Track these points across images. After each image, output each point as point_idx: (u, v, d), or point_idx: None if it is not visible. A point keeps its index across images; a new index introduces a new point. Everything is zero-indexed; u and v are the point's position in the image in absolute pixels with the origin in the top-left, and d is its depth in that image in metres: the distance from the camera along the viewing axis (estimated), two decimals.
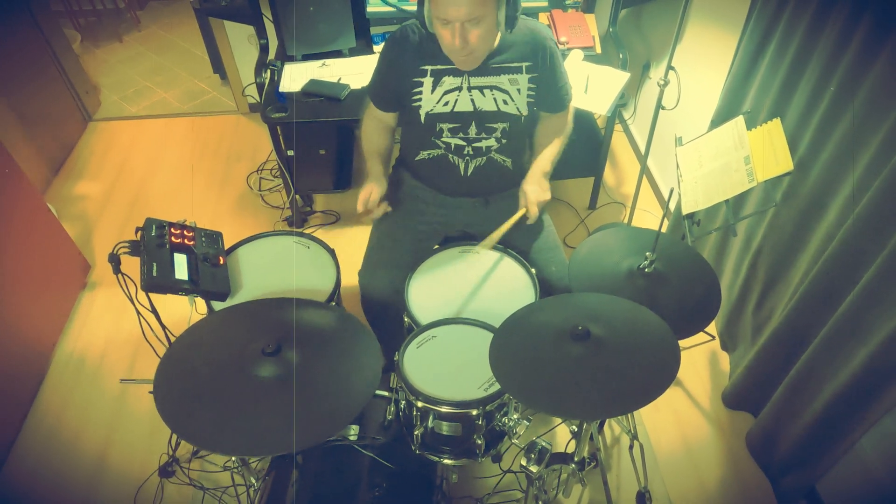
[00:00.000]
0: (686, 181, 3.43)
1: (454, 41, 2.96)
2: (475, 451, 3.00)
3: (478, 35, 2.96)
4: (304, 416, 2.40)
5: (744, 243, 4.02)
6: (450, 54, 3.12)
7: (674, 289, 3.11)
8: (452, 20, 2.89)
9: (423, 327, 3.10)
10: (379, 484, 3.04)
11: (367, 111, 3.58)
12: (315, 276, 3.36)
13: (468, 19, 2.89)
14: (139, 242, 3.02)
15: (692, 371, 4.37)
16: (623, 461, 3.88)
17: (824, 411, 3.24)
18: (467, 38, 2.96)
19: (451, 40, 2.97)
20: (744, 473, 3.86)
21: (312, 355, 2.61)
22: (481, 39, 2.99)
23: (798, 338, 3.43)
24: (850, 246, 2.97)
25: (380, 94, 3.47)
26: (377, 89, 3.47)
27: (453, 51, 3.06)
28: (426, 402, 2.83)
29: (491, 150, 3.43)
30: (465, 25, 2.91)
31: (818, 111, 3.21)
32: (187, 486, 3.75)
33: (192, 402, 2.42)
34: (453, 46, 3.00)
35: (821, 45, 3.16)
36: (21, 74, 5.66)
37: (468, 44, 2.98)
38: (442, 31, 2.99)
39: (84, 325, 4.72)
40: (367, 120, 3.59)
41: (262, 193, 5.77)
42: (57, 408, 4.23)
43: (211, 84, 7.36)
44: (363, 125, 3.60)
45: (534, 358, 2.58)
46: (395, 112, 3.51)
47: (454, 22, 2.90)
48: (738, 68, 3.78)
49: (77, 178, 6.03)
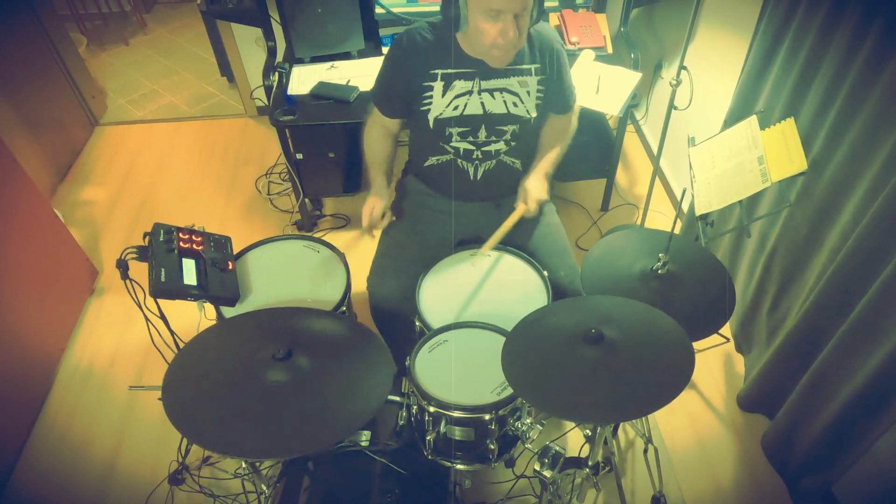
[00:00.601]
0: (699, 182, 3.41)
1: (507, 33, 2.92)
2: (488, 456, 2.97)
3: (523, 26, 2.95)
4: (315, 421, 2.39)
5: (758, 244, 4.00)
6: (490, 50, 3.05)
7: (687, 290, 3.08)
8: (506, 11, 2.85)
9: (434, 331, 3.07)
10: (391, 490, 3.02)
11: (371, 117, 3.54)
12: (325, 281, 3.34)
13: (522, 10, 2.87)
14: (147, 248, 3.01)
15: (707, 373, 4.34)
16: (638, 465, 3.87)
17: (841, 413, 3.22)
18: (520, 28, 2.93)
19: (501, 33, 2.93)
20: (760, 476, 3.84)
21: (323, 360, 2.60)
22: (524, 31, 2.98)
23: (814, 339, 3.41)
24: (866, 246, 2.95)
25: (386, 100, 3.43)
26: (383, 95, 3.43)
27: (497, 45, 3.00)
28: (438, 406, 2.81)
29: (500, 154, 3.41)
30: (516, 17, 2.88)
31: (832, 110, 3.18)
32: (197, 493, 3.73)
33: (202, 408, 2.41)
34: (503, 39, 2.96)
35: (834, 44, 3.14)
36: (27, 78, 5.66)
37: (521, 35, 2.96)
38: (487, 25, 2.93)
39: (92, 332, 4.71)
40: (370, 127, 3.56)
41: (271, 197, 5.77)
42: (65, 415, 4.22)
43: (218, 87, 7.36)
44: (366, 132, 3.57)
45: (547, 361, 2.56)
46: (400, 118, 3.48)
47: (507, 13, 2.86)
48: (750, 67, 3.76)
49: (84, 183, 6.02)
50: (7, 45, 5.42)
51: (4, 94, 5.31)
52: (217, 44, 6.64)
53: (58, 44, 6.11)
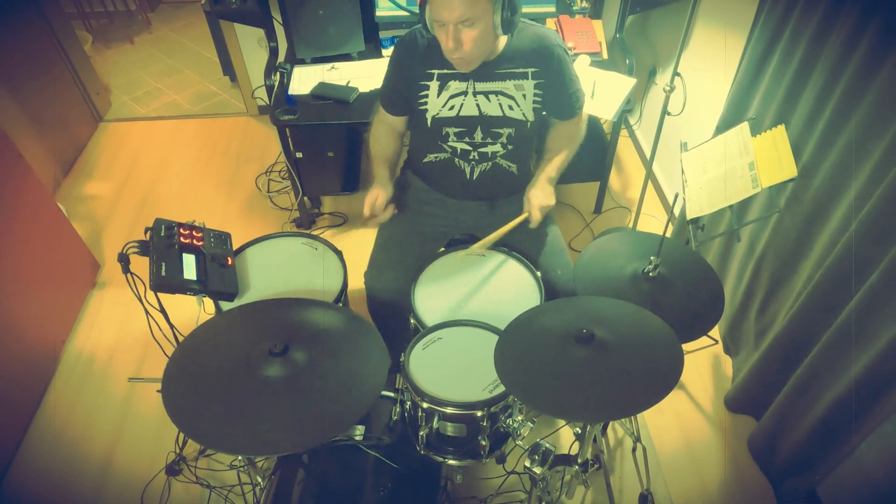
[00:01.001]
0: (691, 186, 3.43)
1: (447, 43, 2.99)
2: (479, 452, 3.01)
3: (472, 37, 2.97)
4: (310, 415, 2.42)
5: (747, 249, 4.02)
6: (447, 56, 3.12)
7: (678, 293, 3.11)
8: (446, 21, 2.91)
9: (428, 329, 3.10)
10: (384, 484, 3.03)
11: (378, 115, 3.60)
12: (322, 278, 3.37)
13: (460, 21, 2.90)
14: (148, 242, 3.04)
15: (695, 375, 4.37)
16: (626, 463, 3.89)
17: (825, 416, 3.25)
18: (460, 39, 2.97)
19: (446, 41, 3.00)
20: (745, 476, 3.86)
21: (319, 355, 2.63)
22: (475, 42, 3.00)
23: (800, 343, 3.43)
24: (853, 252, 2.97)
25: (389, 98, 3.49)
26: (387, 93, 3.49)
27: (447, 52, 3.08)
28: (431, 403, 2.84)
29: (497, 156, 3.45)
30: (457, 27, 2.93)
31: (822, 118, 3.21)
32: (194, 484, 3.76)
33: (200, 402, 2.44)
34: (447, 48, 3.03)
35: (826, 53, 3.16)
36: (33, 75, 5.69)
37: (461, 45, 3.00)
38: (438, 32, 3.02)
39: (93, 325, 4.75)
40: (376, 124, 3.61)
41: (271, 195, 5.79)
42: (65, 406, 4.25)
43: (221, 86, 7.38)
44: (372, 129, 3.61)
45: (538, 360, 2.59)
46: (404, 116, 3.53)
47: (448, 24, 2.92)
48: (743, 75, 3.78)
49: (87, 178, 6.06)
50: (14, 42, 5.45)
51: (10, 89, 5.34)
52: (220, 43, 6.67)
53: (64, 41, 6.14)
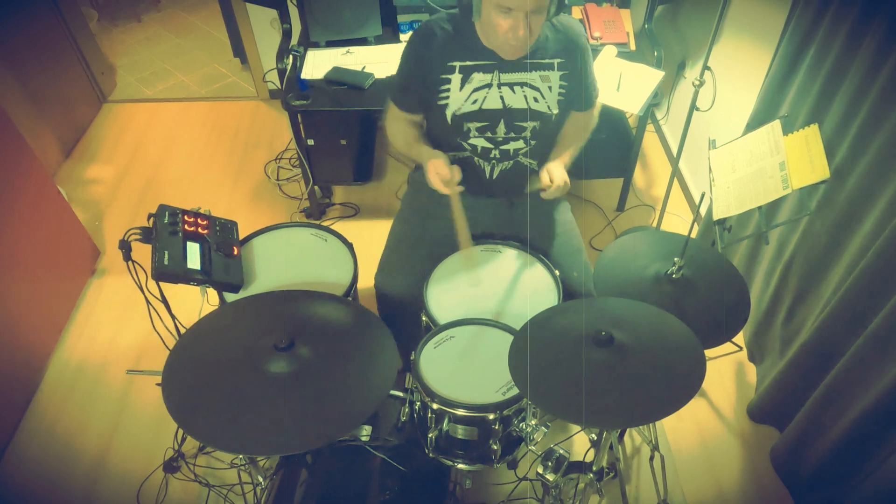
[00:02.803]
0: (718, 186, 3.37)
1: (517, 31, 2.86)
2: (490, 456, 2.95)
3: (537, 24, 2.89)
4: (315, 414, 2.38)
5: (776, 252, 3.97)
6: (502, 44, 3.01)
7: (702, 296, 3.06)
8: (517, 9, 2.80)
9: (441, 327, 3.05)
10: (390, 487, 3.02)
11: (389, 114, 3.45)
12: (332, 271, 3.32)
13: (534, 9, 2.80)
14: (151, 229, 2.99)
15: (717, 382, 4.31)
16: (643, 472, 3.83)
17: (852, 429, 3.20)
18: (531, 27, 2.87)
19: (511, 30, 2.88)
20: (767, 489, 3.81)
21: (326, 351, 2.58)
22: (539, 28, 2.92)
23: (828, 352, 3.38)
24: (886, 259, 2.91)
25: (404, 95, 3.35)
26: (401, 90, 3.35)
27: (508, 41, 2.95)
28: (442, 404, 2.79)
29: (518, 153, 3.36)
30: (528, 15, 2.82)
31: (857, 118, 3.15)
32: (192, 482, 3.71)
33: (200, 397, 2.40)
34: (513, 36, 2.90)
35: (861, 51, 3.11)
36: (35, 53, 5.62)
37: (532, 33, 2.90)
38: (499, 19, 2.88)
39: (91, 313, 4.69)
40: (391, 121, 3.46)
41: (280, 183, 5.74)
42: (61, 396, 4.20)
43: (231, 68, 7.33)
44: (389, 128, 3.48)
45: (554, 362, 2.54)
46: (420, 114, 3.41)
47: (518, 10, 2.81)
48: (776, 71, 3.72)
49: (89, 160, 6.00)
50: (16, 18, 5.39)
51: (12, 67, 5.29)
52: (231, 24, 6.60)
53: (68, 18, 6.07)
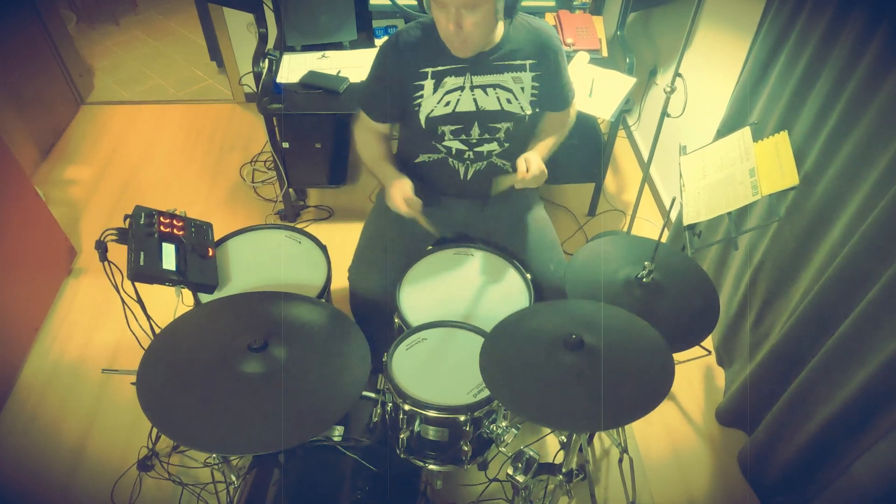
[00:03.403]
0: (689, 191, 3.40)
1: (448, 25, 2.91)
2: (461, 457, 2.97)
3: (473, 22, 2.90)
4: (288, 414, 2.38)
5: (745, 257, 3.99)
6: (445, 40, 3.05)
7: (671, 300, 3.09)
8: (448, 4, 2.84)
9: (413, 329, 3.07)
10: (362, 487, 3.03)
11: (359, 123, 3.46)
12: (305, 273, 3.34)
13: (464, 5, 2.83)
14: (127, 230, 3.00)
15: (686, 386, 4.34)
16: (612, 474, 3.86)
17: (819, 433, 3.23)
18: (461, 23, 2.90)
19: (446, 24, 2.91)
20: (734, 492, 3.83)
21: (299, 352, 2.60)
22: (477, 26, 2.92)
23: (796, 356, 3.41)
24: (854, 265, 2.94)
25: (375, 105, 3.36)
26: (371, 100, 3.36)
27: (447, 35, 3.00)
28: (413, 405, 2.81)
29: (492, 155, 3.38)
30: (460, 10, 2.85)
31: (827, 125, 3.17)
32: (166, 480, 3.71)
33: (175, 396, 2.41)
34: (447, 31, 2.94)
35: (833, 57, 3.13)
36: (14, 54, 5.61)
37: (462, 29, 2.92)
38: (437, 14, 2.93)
39: (68, 313, 4.69)
40: (360, 131, 3.48)
41: (255, 185, 5.74)
42: (36, 395, 4.20)
43: (207, 72, 7.33)
44: (357, 138, 3.51)
45: (525, 365, 2.56)
46: (391, 123, 3.44)
47: (449, 6, 2.84)
48: (747, 78, 3.75)
49: (67, 162, 5.99)
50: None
51: None
52: (208, 28, 6.59)
53: (47, 20, 6.06)
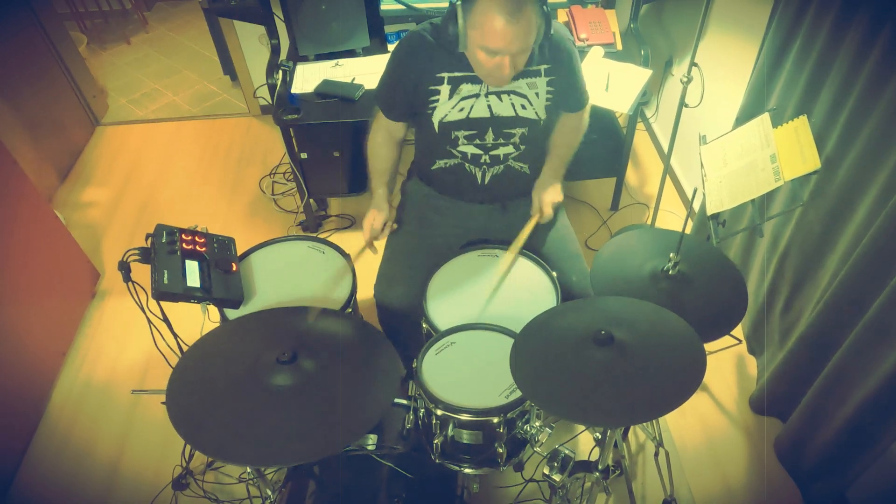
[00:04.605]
0: (710, 181, 3.40)
1: (502, 70, 2.89)
2: (496, 459, 2.95)
3: (523, 60, 2.93)
4: (320, 425, 2.39)
5: (770, 244, 3.98)
6: (485, 77, 3.05)
7: (699, 291, 3.07)
8: (501, 52, 2.83)
9: (441, 333, 3.05)
10: (398, 494, 3.04)
11: (376, 121, 3.49)
12: (331, 282, 3.32)
13: (520, 52, 2.85)
14: (150, 249, 2.99)
15: (718, 376, 4.33)
16: (648, 469, 3.85)
17: (855, 416, 3.21)
18: (517, 65, 2.91)
19: (495, 68, 2.90)
20: (772, 480, 3.82)
21: (329, 363, 2.60)
22: (523, 63, 2.96)
23: (827, 341, 3.39)
24: (880, 246, 2.92)
25: (390, 103, 3.38)
26: (387, 97, 3.37)
27: (492, 75, 2.98)
28: (446, 410, 2.80)
29: (509, 158, 3.38)
30: (514, 56, 2.86)
31: (845, 108, 3.16)
32: (202, 498, 3.72)
33: (206, 413, 2.41)
34: (498, 73, 2.93)
35: (847, 41, 3.11)
36: (26, 78, 5.64)
37: (516, 70, 2.94)
38: (483, 57, 2.90)
39: (94, 335, 4.70)
40: (374, 132, 3.51)
41: (275, 198, 5.75)
42: (67, 419, 4.21)
43: (221, 86, 7.35)
44: (371, 137, 3.52)
45: (556, 364, 2.55)
46: (405, 122, 3.44)
47: (504, 54, 2.84)
48: (762, 64, 3.74)
49: (85, 184, 6.01)
50: (6, 45, 5.40)
51: (4, 94, 5.30)
52: (220, 42, 6.62)
53: (57, 43, 6.10)
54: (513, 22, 2.73)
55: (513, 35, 2.76)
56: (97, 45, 8.06)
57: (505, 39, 2.77)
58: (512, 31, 2.75)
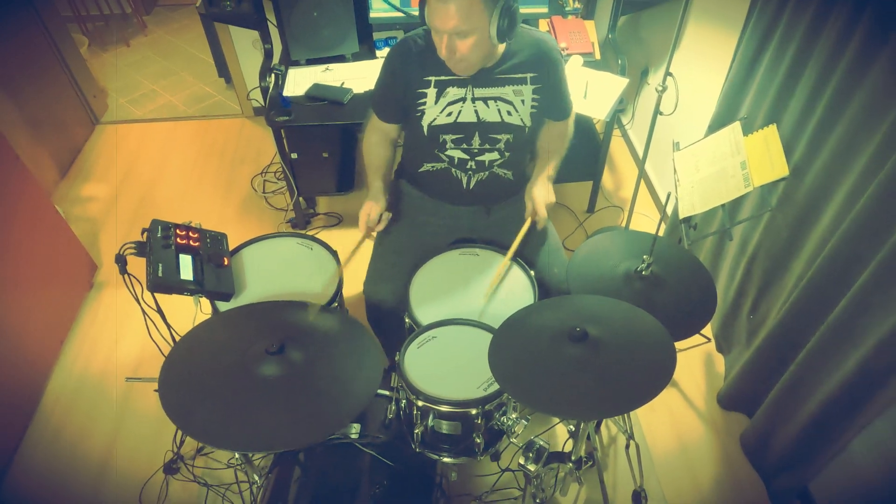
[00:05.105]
0: (683, 186, 3.43)
1: (441, 50, 3.01)
2: (474, 449, 3.02)
3: (467, 46, 2.97)
4: (306, 413, 2.45)
5: (739, 247, 4.04)
6: (446, 62, 3.12)
7: (670, 291, 3.13)
8: (440, 30, 2.93)
9: (423, 328, 3.11)
10: (380, 481, 3.06)
11: (371, 122, 3.55)
12: (318, 278, 3.37)
13: (455, 32, 2.92)
14: (145, 243, 3.03)
15: (688, 372, 4.39)
16: (619, 461, 3.91)
17: (817, 413, 3.27)
18: (454, 48, 2.98)
19: (444, 49, 3.00)
20: (738, 473, 3.89)
21: (315, 355, 2.66)
22: (471, 50, 3.00)
23: (792, 341, 3.44)
24: (845, 251, 2.99)
25: (383, 106, 3.46)
26: (380, 100, 3.46)
27: (446, 59, 3.08)
28: (426, 401, 2.85)
29: (494, 165, 3.45)
30: (451, 36, 2.94)
31: (813, 117, 3.23)
32: (192, 482, 3.78)
33: (197, 400, 2.47)
34: (447, 56, 3.04)
35: (817, 51, 3.17)
36: (30, 78, 5.70)
37: (454, 53, 3.01)
38: (436, 38, 3.02)
39: (91, 325, 4.76)
40: (369, 132, 3.56)
41: (266, 196, 5.81)
42: (63, 406, 4.27)
43: (216, 88, 7.40)
44: (366, 137, 3.57)
45: (532, 358, 2.62)
46: (398, 123, 3.50)
47: (442, 32, 2.94)
48: (735, 74, 3.80)
49: (84, 180, 6.07)
50: (10, 46, 5.46)
51: (8, 92, 5.36)
52: (215, 45, 6.66)
53: (60, 44, 6.15)
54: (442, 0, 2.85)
55: (445, 12, 2.86)
56: (98, 46, 8.12)
57: (439, 15, 2.88)
58: (444, 9, 2.85)
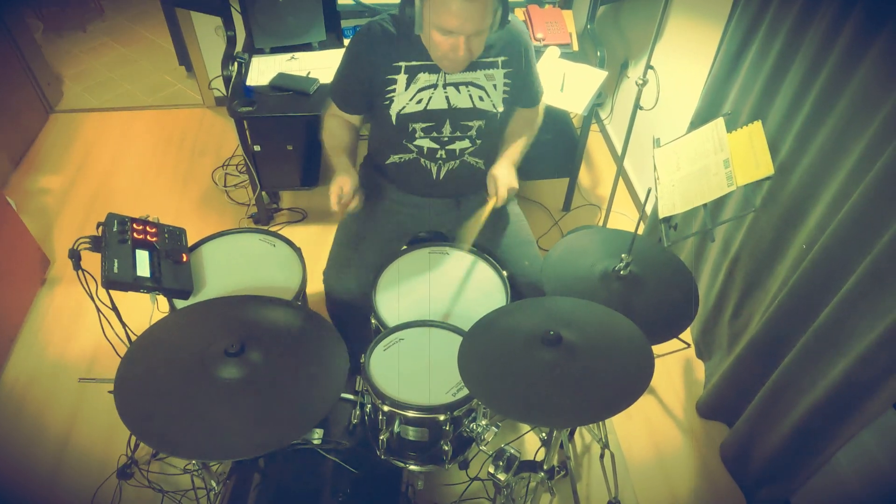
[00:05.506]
0: (663, 184, 3.39)
1: (457, 52, 2.92)
2: (442, 457, 2.98)
3: (478, 43, 2.94)
4: (267, 418, 2.38)
5: (721, 249, 4.00)
6: (440, 60, 3.05)
7: (649, 293, 3.10)
8: (456, 32, 2.84)
9: (390, 329, 3.06)
10: (343, 490, 3.02)
11: (329, 112, 3.45)
12: (280, 275, 3.31)
13: (474, 33, 2.85)
14: (100, 238, 2.97)
15: (666, 379, 4.35)
16: (594, 470, 3.86)
17: (801, 424, 3.23)
18: (471, 49, 2.92)
19: (451, 50, 2.92)
20: (717, 485, 3.84)
21: (277, 356, 2.58)
22: (479, 48, 2.96)
23: (775, 347, 3.41)
24: (831, 254, 2.94)
25: (346, 95, 3.35)
26: (342, 89, 3.35)
27: (447, 58, 3.00)
28: (392, 406, 2.80)
29: (465, 153, 3.38)
30: (469, 38, 2.87)
31: (801, 114, 3.18)
32: (146, 488, 3.70)
33: (153, 403, 2.40)
34: (453, 56, 2.95)
35: (805, 45, 3.13)
36: None
37: (471, 54, 2.95)
38: (439, 38, 2.91)
39: (43, 322, 4.67)
40: (329, 119, 3.45)
41: (228, 189, 5.74)
42: (14, 405, 4.19)
43: (176, 76, 7.30)
44: (325, 123, 3.47)
45: (503, 363, 2.56)
46: (361, 114, 3.41)
47: (458, 34, 2.85)
48: (719, 68, 3.75)
49: (38, 171, 5.96)
50: None
51: None
52: (176, 32, 6.58)
53: (13, 29, 6.04)
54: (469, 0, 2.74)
55: (468, 14, 2.78)
56: (53, 32, 7.98)
57: (460, 18, 2.79)
58: (467, 11, 2.76)
